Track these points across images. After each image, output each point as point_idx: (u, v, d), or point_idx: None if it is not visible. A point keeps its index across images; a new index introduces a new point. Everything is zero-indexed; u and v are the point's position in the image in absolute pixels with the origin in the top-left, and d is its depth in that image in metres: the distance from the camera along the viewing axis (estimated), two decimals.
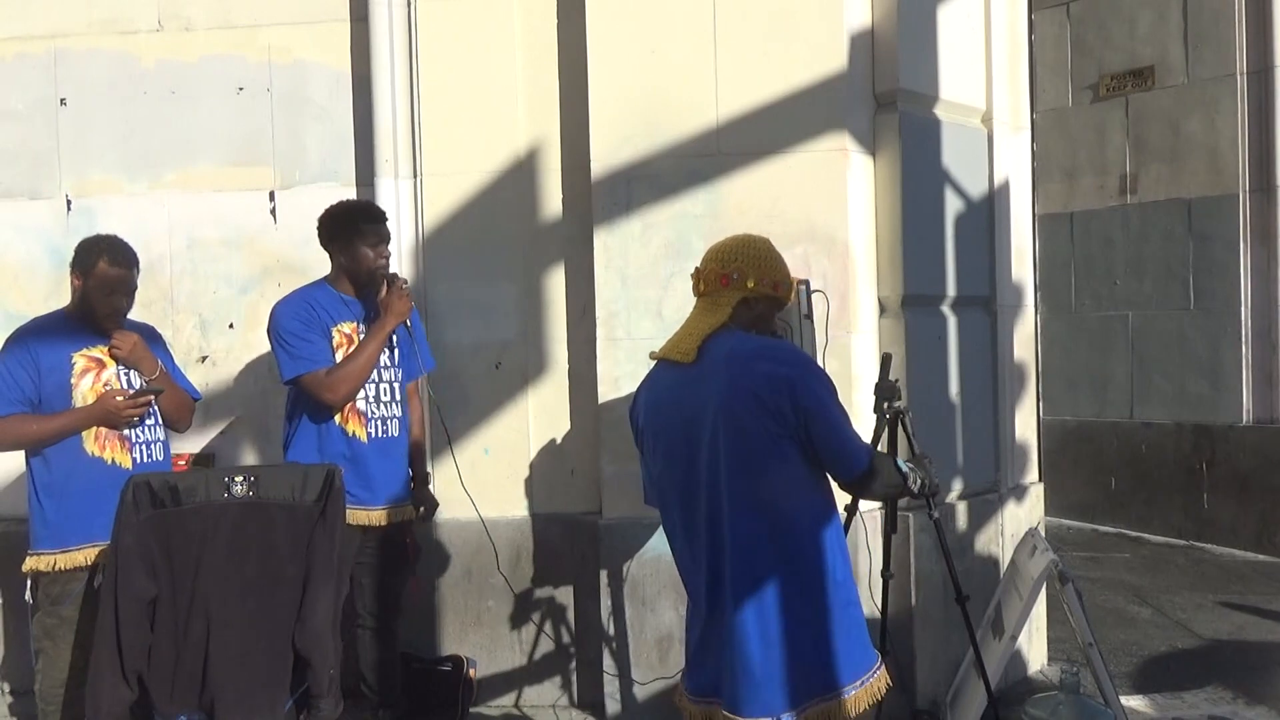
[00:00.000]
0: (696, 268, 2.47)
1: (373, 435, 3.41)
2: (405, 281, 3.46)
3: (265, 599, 2.80)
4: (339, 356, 3.35)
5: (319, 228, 3.47)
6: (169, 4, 4.35)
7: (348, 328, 3.41)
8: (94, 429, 3.16)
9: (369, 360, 3.34)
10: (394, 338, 3.47)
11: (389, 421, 3.46)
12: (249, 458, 4.25)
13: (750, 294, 2.38)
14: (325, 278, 3.50)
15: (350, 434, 3.38)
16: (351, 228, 3.40)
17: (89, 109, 4.38)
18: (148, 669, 2.73)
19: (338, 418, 3.37)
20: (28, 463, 3.22)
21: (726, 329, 2.37)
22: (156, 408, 3.31)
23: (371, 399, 3.42)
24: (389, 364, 3.47)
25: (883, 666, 2.38)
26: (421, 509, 3.65)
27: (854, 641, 2.32)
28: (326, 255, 3.50)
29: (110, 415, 3.14)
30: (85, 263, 3.19)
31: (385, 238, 3.47)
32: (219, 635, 2.75)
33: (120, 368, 3.25)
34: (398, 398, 3.50)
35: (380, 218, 3.48)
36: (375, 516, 3.38)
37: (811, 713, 2.26)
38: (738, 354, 2.31)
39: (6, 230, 4.42)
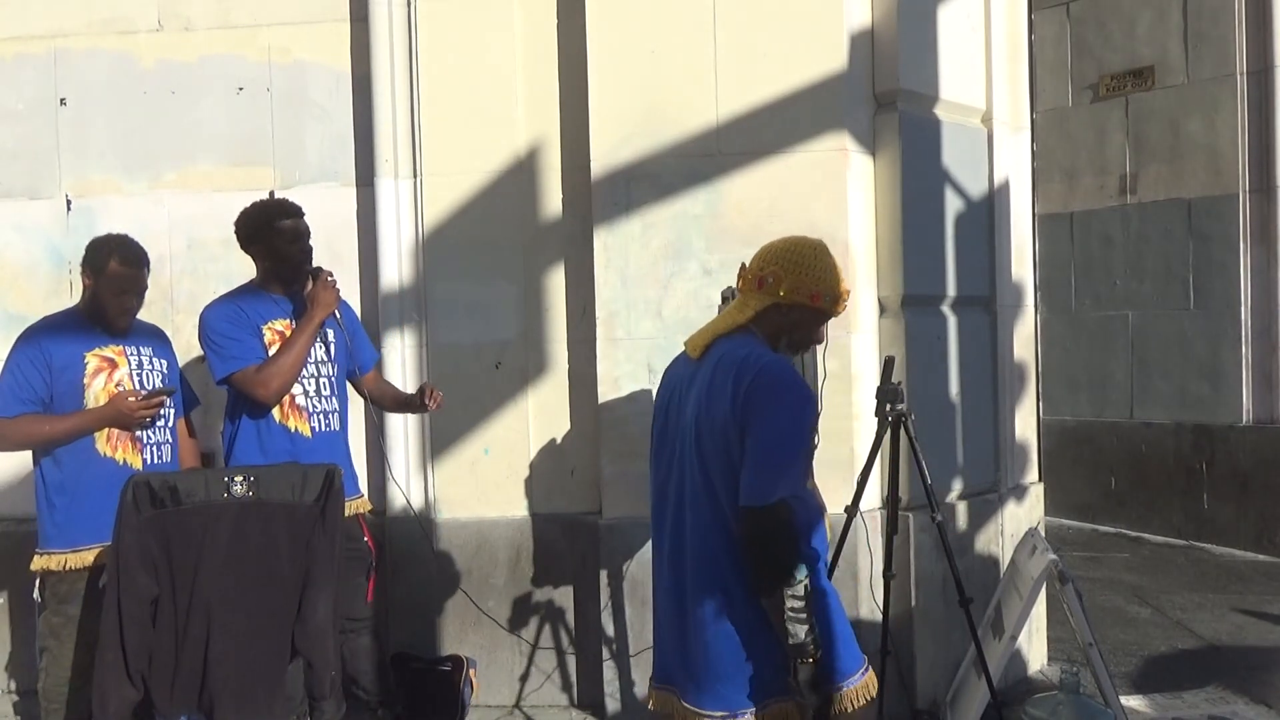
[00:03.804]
0: (743, 263, 2.38)
1: (316, 429, 3.41)
2: (331, 274, 3.43)
3: (265, 599, 2.80)
4: (272, 353, 3.34)
5: (237, 231, 3.44)
6: (169, 4, 4.35)
7: (280, 325, 3.39)
8: (106, 429, 3.17)
9: (299, 354, 3.31)
10: (329, 332, 3.47)
11: (330, 416, 3.46)
12: None
13: (782, 301, 2.29)
14: (252, 280, 3.48)
15: (293, 430, 3.36)
16: (267, 227, 3.38)
17: (89, 109, 4.39)
18: (148, 669, 2.73)
19: (277, 414, 3.35)
20: (36, 463, 3.22)
21: (743, 331, 2.31)
22: (169, 409, 3.32)
23: (312, 394, 3.41)
24: (325, 358, 3.46)
25: (864, 675, 2.29)
26: (431, 394, 3.51)
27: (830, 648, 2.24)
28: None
29: (123, 416, 3.15)
30: (96, 262, 3.20)
31: (304, 232, 3.44)
32: (218, 635, 2.75)
33: (132, 369, 3.26)
34: (337, 391, 3.50)
35: (295, 213, 3.43)
36: None
37: (773, 709, 2.22)
38: (726, 360, 2.26)
39: (6, 230, 4.42)
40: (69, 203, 4.39)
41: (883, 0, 3.94)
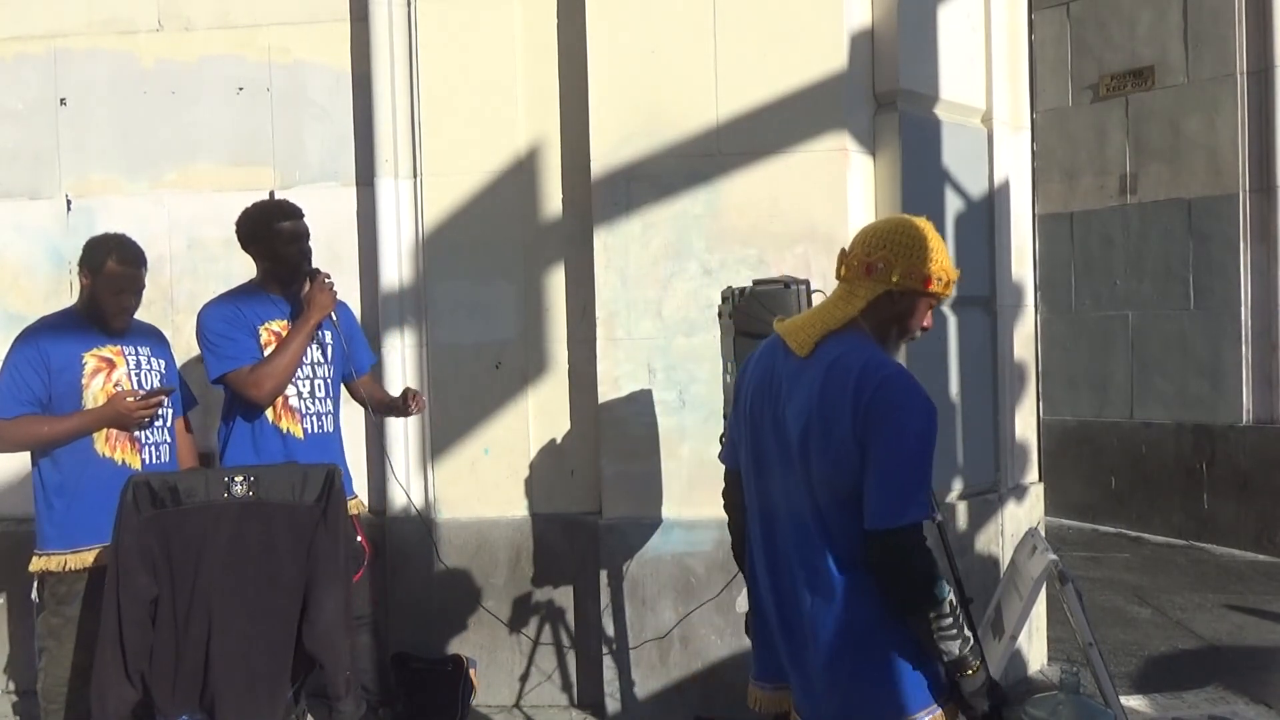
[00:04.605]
0: (842, 248, 2.18)
1: (309, 431, 3.41)
2: (328, 276, 3.43)
3: (265, 599, 2.80)
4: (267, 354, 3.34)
5: (237, 231, 3.44)
6: (169, 4, 4.35)
7: (277, 325, 3.39)
8: (104, 429, 3.17)
9: (294, 356, 3.32)
10: (325, 335, 3.47)
11: (324, 418, 3.46)
12: None
13: (894, 288, 2.09)
14: (252, 280, 3.49)
15: (285, 431, 3.37)
16: (267, 228, 3.39)
17: (89, 109, 4.38)
18: (149, 669, 2.73)
19: (270, 415, 3.35)
20: (35, 464, 3.22)
21: (853, 326, 2.12)
22: (167, 409, 3.32)
23: (305, 395, 3.41)
24: (321, 360, 3.47)
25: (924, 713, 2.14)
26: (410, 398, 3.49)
27: (922, 671, 2.09)
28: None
29: (121, 417, 3.15)
30: (94, 261, 3.20)
31: (303, 233, 3.44)
32: (219, 635, 2.74)
33: (130, 369, 3.26)
34: (332, 394, 3.50)
35: (295, 214, 3.44)
36: None
37: None
38: (840, 365, 2.06)
39: (6, 230, 4.42)
40: (69, 203, 4.39)
41: (883, 0, 3.94)
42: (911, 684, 2.09)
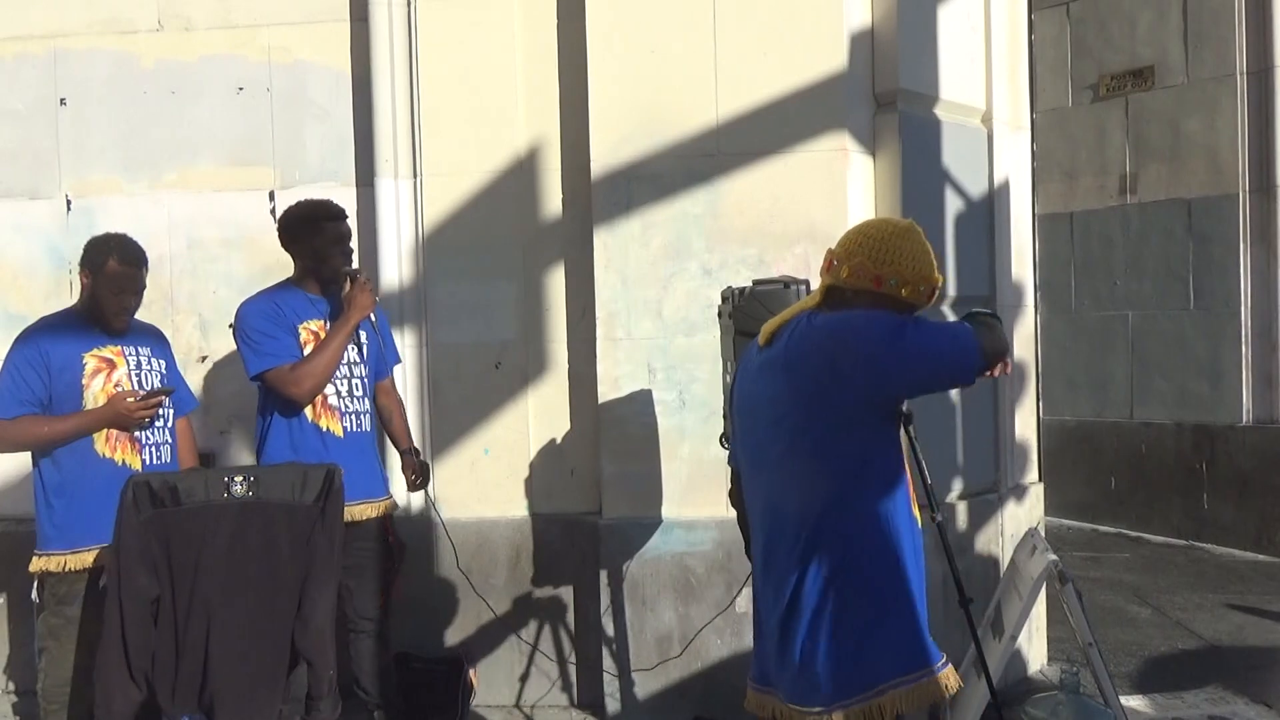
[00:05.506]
0: (829, 249, 2.27)
1: (348, 429, 3.42)
2: (368, 277, 3.45)
3: (265, 599, 2.80)
4: (307, 353, 3.35)
5: (280, 230, 3.45)
6: (169, 4, 4.35)
7: (315, 325, 3.40)
8: (104, 430, 3.17)
9: (334, 355, 3.33)
10: (362, 334, 3.48)
11: (362, 416, 3.48)
12: (248, 458, 4.24)
13: (844, 285, 2.14)
14: (290, 279, 3.50)
15: (325, 429, 3.38)
16: (313, 227, 3.40)
17: (89, 109, 4.38)
18: (151, 669, 2.73)
19: (309, 413, 3.36)
20: (35, 464, 3.22)
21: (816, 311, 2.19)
22: (168, 409, 3.32)
23: (344, 394, 3.42)
24: (358, 360, 3.48)
25: (942, 670, 2.20)
26: (415, 479, 3.65)
27: (895, 639, 2.17)
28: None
29: (121, 417, 3.15)
30: (94, 261, 3.20)
31: (346, 235, 3.46)
32: (219, 635, 2.75)
33: (130, 369, 3.26)
34: (368, 393, 3.52)
35: (340, 215, 3.46)
36: (354, 512, 3.34)
37: (854, 710, 2.10)
38: (794, 334, 2.13)
39: (6, 230, 4.42)
40: (69, 203, 4.39)
41: (883, 0, 3.94)
42: (920, 644, 2.20)
